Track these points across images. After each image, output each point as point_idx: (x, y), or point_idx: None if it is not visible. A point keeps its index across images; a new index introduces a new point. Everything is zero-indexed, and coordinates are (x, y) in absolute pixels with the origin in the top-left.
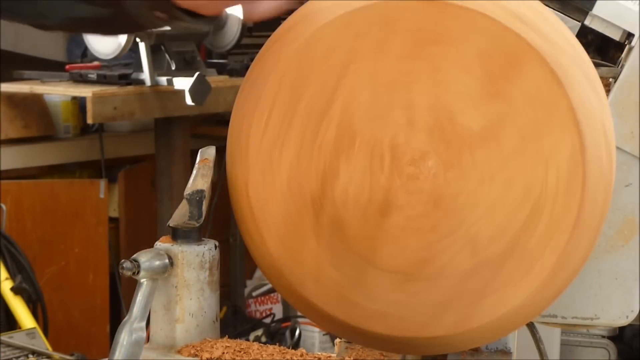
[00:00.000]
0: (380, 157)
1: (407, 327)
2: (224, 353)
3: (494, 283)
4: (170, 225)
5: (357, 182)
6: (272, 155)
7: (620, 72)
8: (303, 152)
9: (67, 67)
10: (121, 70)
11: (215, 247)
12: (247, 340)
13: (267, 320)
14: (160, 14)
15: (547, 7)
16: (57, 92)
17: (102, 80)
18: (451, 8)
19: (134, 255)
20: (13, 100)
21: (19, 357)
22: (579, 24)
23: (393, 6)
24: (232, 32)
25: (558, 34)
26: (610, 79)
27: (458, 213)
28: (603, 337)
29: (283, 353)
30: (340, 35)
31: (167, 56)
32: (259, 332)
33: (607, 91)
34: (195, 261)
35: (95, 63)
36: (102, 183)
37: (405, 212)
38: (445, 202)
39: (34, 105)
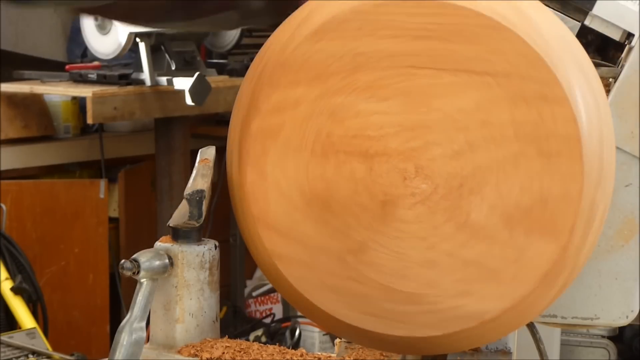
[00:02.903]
0: (381, 157)
1: (407, 327)
2: (224, 353)
3: (493, 283)
4: (170, 225)
5: (357, 182)
6: (272, 155)
7: (620, 72)
8: (303, 152)
9: (67, 67)
10: (121, 70)
11: (215, 247)
12: (247, 340)
13: (267, 320)
14: None
15: (547, 7)
16: (57, 92)
17: (102, 80)
18: (455, 8)
19: (134, 255)
20: (13, 100)
21: (19, 357)
22: (579, 24)
23: (392, 6)
24: (232, 32)
25: (557, 34)
26: (610, 79)
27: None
28: (603, 337)
29: (283, 353)
30: (340, 36)
31: (167, 56)
32: (259, 332)
33: (607, 91)
34: (195, 261)
35: (95, 63)
36: (102, 183)
37: (406, 213)
38: (444, 204)
39: (34, 105)
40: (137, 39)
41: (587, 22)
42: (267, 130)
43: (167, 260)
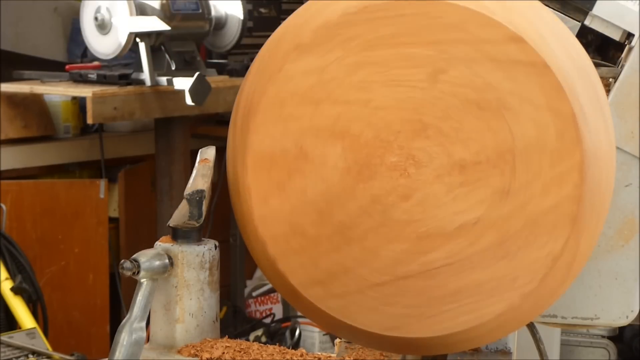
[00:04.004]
0: (381, 158)
1: (407, 327)
2: (224, 353)
3: (493, 283)
4: (170, 225)
5: (358, 185)
6: (272, 155)
7: (620, 72)
8: (303, 152)
9: (67, 67)
10: (121, 70)
11: (215, 247)
12: (247, 340)
13: (267, 320)
14: None
15: (547, 8)
16: (57, 92)
17: (102, 80)
18: (450, 7)
19: (134, 255)
20: (13, 100)
21: (19, 357)
22: (579, 24)
23: (392, 6)
24: (232, 32)
25: (558, 35)
26: (610, 79)
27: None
28: (603, 337)
29: (283, 353)
30: (340, 36)
31: (167, 56)
32: (259, 332)
33: (607, 91)
34: (195, 261)
35: (95, 63)
36: (102, 183)
37: (405, 214)
38: (446, 205)
39: (34, 105)
40: (137, 39)
41: (587, 22)
42: (268, 130)
43: (167, 260)
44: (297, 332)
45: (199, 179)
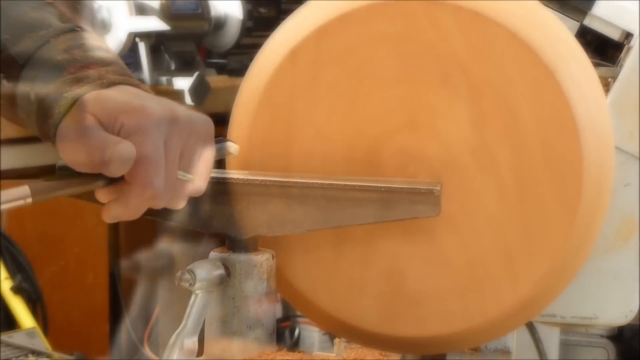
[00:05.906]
0: (380, 162)
1: (406, 327)
2: None
3: (493, 283)
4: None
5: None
6: (272, 156)
7: (619, 72)
8: (304, 153)
9: None
10: None
11: (273, 257)
12: None
13: None
14: None
15: (546, 8)
16: None
17: None
18: (449, 7)
19: (190, 266)
20: None
21: (19, 356)
22: (578, 24)
23: (391, 6)
24: (231, 32)
25: (557, 35)
26: (610, 79)
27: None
28: (602, 336)
29: (283, 353)
30: (339, 36)
31: (166, 56)
32: None
33: (607, 91)
34: (253, 272)
35: None
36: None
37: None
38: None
39: None
40: (137, 39)
41: (586, 22)
42: (268, 131)
43: (223, 271)
44: (297, 332)
45: None
